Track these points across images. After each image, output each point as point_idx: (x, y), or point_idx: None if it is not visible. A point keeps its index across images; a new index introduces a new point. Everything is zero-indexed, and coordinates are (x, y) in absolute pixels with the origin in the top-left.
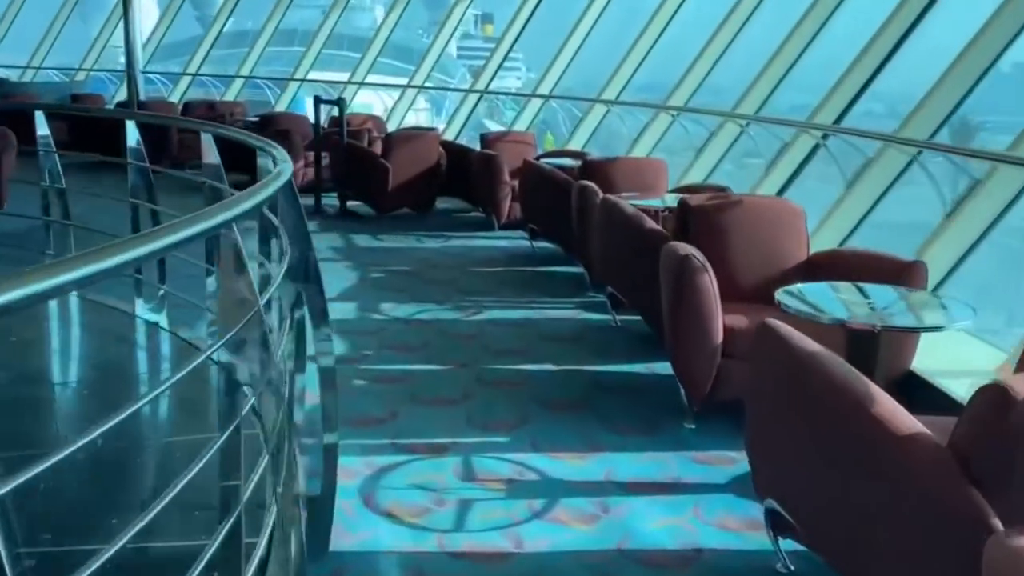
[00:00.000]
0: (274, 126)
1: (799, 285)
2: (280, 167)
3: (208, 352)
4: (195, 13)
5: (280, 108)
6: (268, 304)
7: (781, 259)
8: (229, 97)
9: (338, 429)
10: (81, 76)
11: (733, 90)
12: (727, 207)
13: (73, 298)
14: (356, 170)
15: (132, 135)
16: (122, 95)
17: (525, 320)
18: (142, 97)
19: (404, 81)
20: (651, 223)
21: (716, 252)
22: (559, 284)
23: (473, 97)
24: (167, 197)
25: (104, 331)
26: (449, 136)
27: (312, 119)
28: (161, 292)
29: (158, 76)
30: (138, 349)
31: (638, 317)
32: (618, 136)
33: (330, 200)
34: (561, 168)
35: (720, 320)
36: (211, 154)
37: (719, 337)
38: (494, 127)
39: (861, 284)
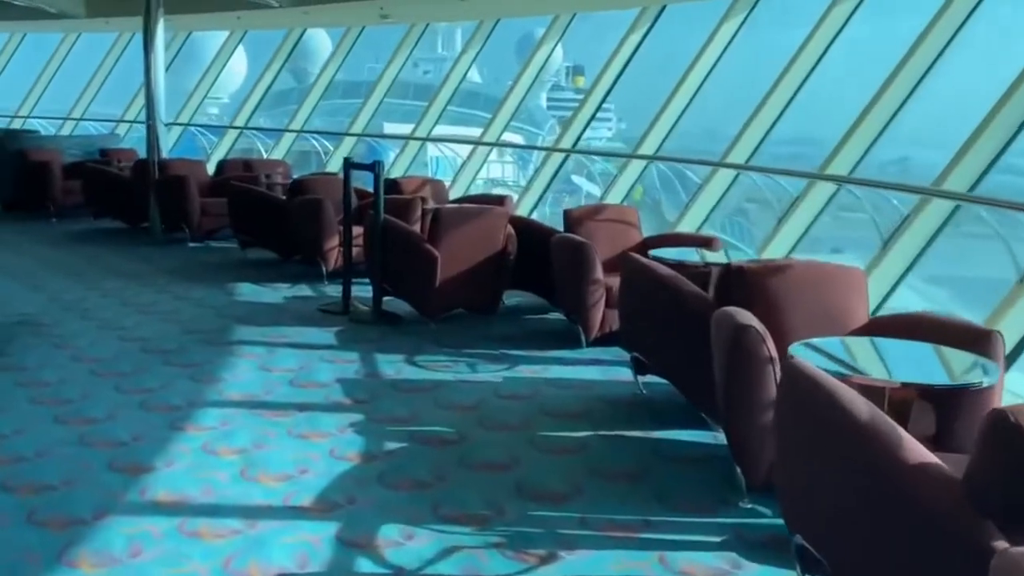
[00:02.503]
0: (307, 192)
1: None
2: None
3: None
4: (290, 66)
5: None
6: None
7: (839, 324)
8: (279, 153)
9: None
10: (122, 128)
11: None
12: (777, 270)
13: None
14: (396, 257)
15: None
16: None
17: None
18: (165, 153)
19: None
20: (691, 285)
21: (768, 319)
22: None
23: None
24: None
25: None
26: (531, 198)
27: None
28: None
29: (199, 129)
30: None
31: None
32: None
33: (368, 289)
34: (681, 265)
35: None
36: None
37: None
38: (585, 185)
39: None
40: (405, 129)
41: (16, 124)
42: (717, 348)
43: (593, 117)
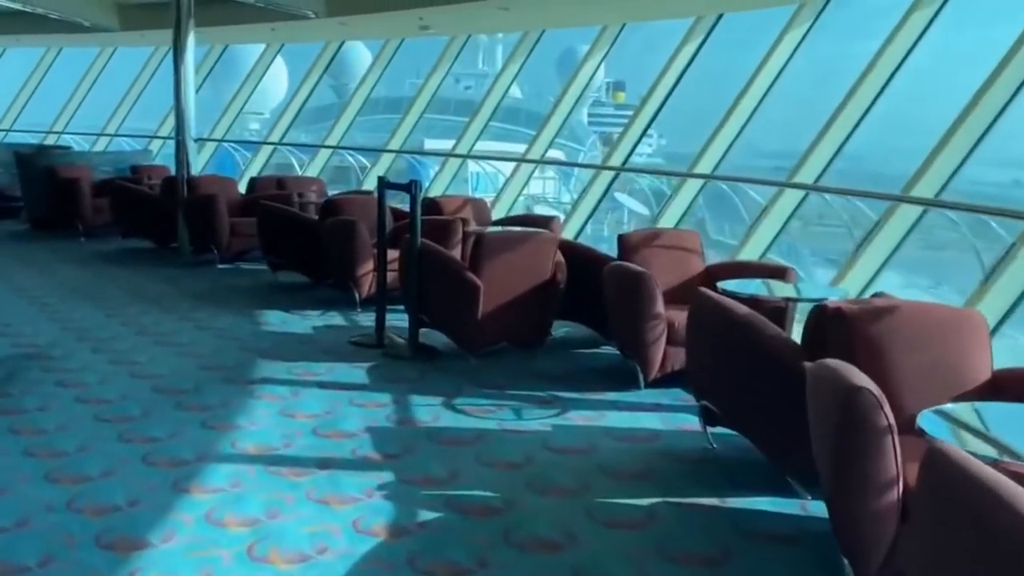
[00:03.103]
0: (340, 212)
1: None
2: None
3: None
4: (331, 82)
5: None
6: None
7: (956, 380)
8: (313, 171)
9: None
10: (156, 144)
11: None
12: (880, 312)
13: None
14: (434, 285)
15: None
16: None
17: None
18: (194, 170)
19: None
20: (773, 328)
21: (872, 372)
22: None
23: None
24: None
25: None
26: (579, 219)
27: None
28: None
29: (233, 145)
30: None
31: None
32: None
33: (403, 319)
34: (755, 300)
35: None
36: None
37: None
38: (628, 202)
39: None
40: (446, 145)
41: (50, 140)
42: (817, 409)
43: (644, 134)
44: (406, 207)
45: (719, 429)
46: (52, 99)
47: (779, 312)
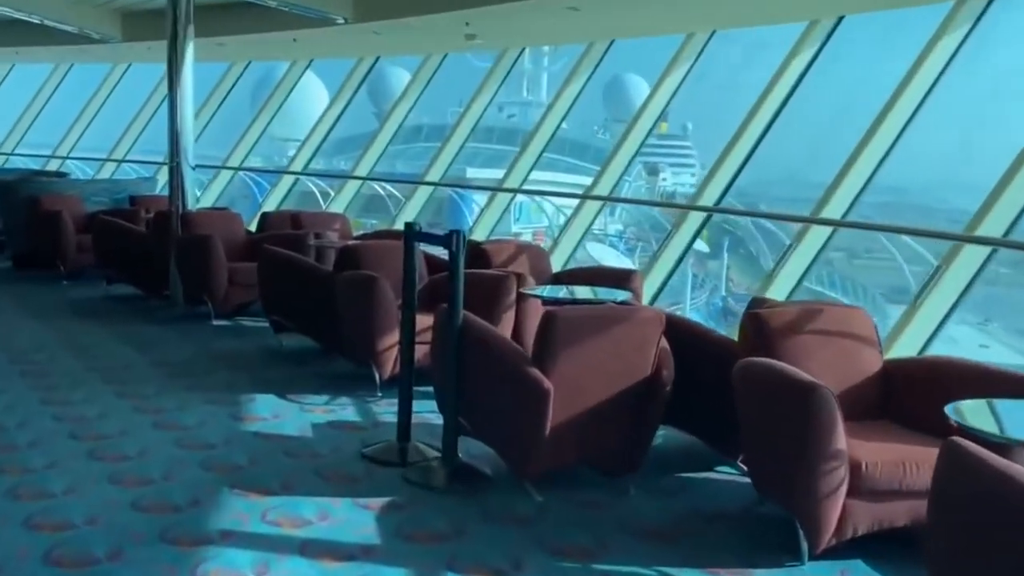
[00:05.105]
0: (359, 262)
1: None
2: None
3: None
4: (373, 109)
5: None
6: None
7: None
8: (342, 201)
9: None
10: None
11: None
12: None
13: None
14: (481, 379)
15: None
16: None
17: None
18: (191, 205)
19: (579, 180)
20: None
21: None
22: None
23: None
24: None
25: None
26: (662, 270)
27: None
28: None
29: (252, 175)
30: None
31: None
32: None
33: (433, 410)
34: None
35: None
36: None
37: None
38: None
39: None
40: (488, 174)
41: (53, 165)
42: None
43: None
44: (440, 251)
45: None
46: (60, 121)
47: None
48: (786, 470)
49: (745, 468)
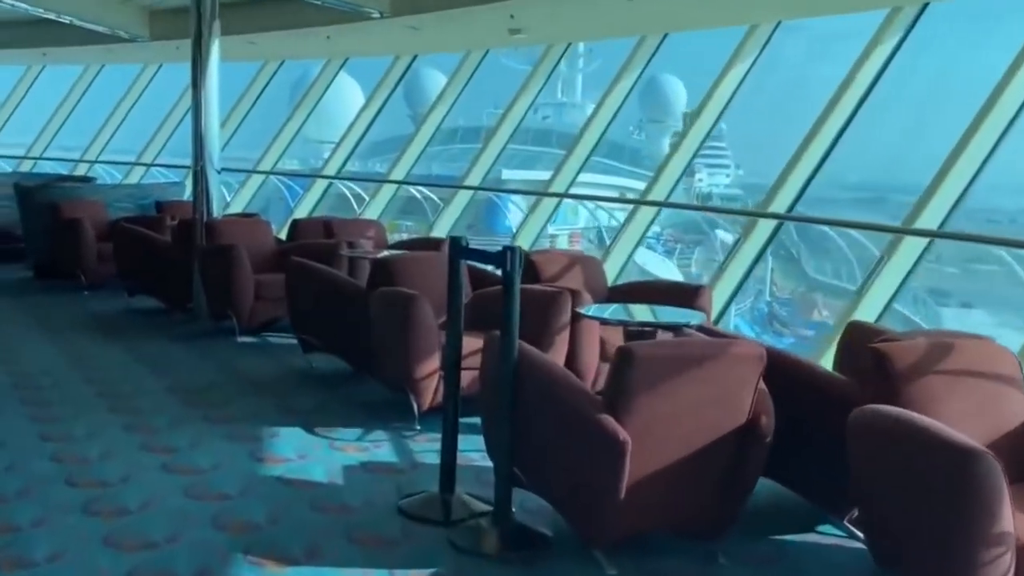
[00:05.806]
0: (395, 277)
1: None
2: None
3: None
4: (408, 112)
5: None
6: None
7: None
8: (378, 206)
9: None
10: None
11: None
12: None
13: None
14: (540, 429)
15: None
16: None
17: None
18: (216, 211)
19: (615, 181)
20: None
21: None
22: None
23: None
24: None
25: None
26: (730, 282)
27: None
28: None
29: (283, 179)
30: None
31: None
32: None
33: (481, 452)
34: None
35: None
36: None
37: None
38: (719, 234)
39: None
40: (524, 175)
41: (81, 169)
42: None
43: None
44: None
45: None
46: (90, 124)
47: None
48: (928, 548)
49: (855, 530)
